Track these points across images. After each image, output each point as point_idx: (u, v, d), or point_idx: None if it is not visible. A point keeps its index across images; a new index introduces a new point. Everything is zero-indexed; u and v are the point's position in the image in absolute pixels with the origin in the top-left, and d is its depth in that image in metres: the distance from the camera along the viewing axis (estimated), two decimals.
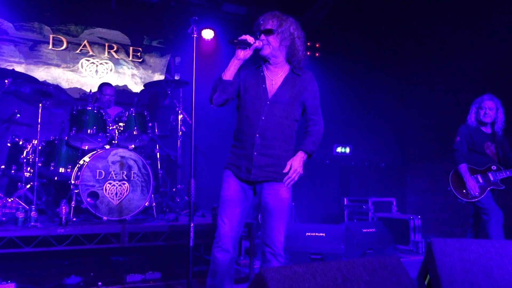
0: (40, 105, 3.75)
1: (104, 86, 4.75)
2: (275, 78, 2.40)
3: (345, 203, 6.28)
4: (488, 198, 3.77)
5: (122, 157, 3.72)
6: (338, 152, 6.79)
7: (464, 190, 3.82)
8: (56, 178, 3.96)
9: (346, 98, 6.79)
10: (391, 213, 5.96)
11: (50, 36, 5.38)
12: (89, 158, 3.63)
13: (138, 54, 5.90)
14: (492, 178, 3.80)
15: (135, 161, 3.77)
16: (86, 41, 5.58)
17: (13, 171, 3.88)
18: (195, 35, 2.45)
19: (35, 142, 3.82)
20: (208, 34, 5.97)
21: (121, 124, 3.99)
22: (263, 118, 2.31)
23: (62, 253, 3.73)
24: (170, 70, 5.02)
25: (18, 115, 4.16)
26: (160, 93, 5.40)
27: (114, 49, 5.76)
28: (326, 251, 4.29)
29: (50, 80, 5.35)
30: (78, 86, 5.51)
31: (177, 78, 5.32)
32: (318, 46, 6.80)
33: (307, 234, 4.41)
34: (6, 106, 4.58)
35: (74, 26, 5.52)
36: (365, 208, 6.00)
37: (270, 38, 2.34)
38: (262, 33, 2.34)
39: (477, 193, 3.74)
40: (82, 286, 3.34)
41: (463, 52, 6.20)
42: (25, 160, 3.83)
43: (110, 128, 3.94)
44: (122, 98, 5.47)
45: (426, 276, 2.07)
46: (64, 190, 3.90)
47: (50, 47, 5.38)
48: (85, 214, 3.69)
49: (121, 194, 3.66)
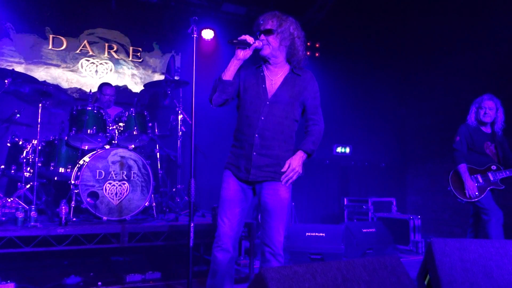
0: (40, 105, 3.75)
1: (104, 86, 4.75)
2: (275, 78, 2.39)
3: (345, 203, 6.28)
4: (488, 198, 3.77)
5: (122, 157, 3.72)
6: (338, 152, 6.79)
7: (464, 190, 3.82)
8: (56, 178, 3.95)
9: (346, 98, 6.79)
10: (391, 213, 5.96)
11: (50, 36, 5.38)
12: (89, 158, 3.63)
13: (138, 54, 5.90)
14: (492, 178, 3.80)
15: (135, 161, 3.77)
16: (86, 41, 5.58)
17: (13, 171, 3.88)
18: (195, 35, 2.45)
19: (35, 142, 3.82)
20: (208, 34, 5.97)
21: (121, 124, 3.99)
22: (263, 118, 2.31)
23: (62, 253, 3.73)
24: (170, 70, 5.02)
25: (18, 115, 4.16)
26: (160, 93, 5.39)
27: (114, 49, 5.75)
28: (326, 251, 4.29)
29: (50, 80, 5.35)
30: (78, 86, 5.51)
31: (176, 78, 5.31)
32: (318, 46, 6.80)
33: (307, 234, 4.41)
34: (6, 106, 4.58)
35: (74, 26, 5.51)
36: (365, 208, 6.00)
37: (270, 38, 2.33)
38: (262, 33, 2.34)
39: (474, 194, 3.74)
40: (82, 286, 3.34)
41: (463, 52, 6.20)
42: (25, 160, 3.83)
43: (110, 128, 3.94)
44: (122, 98, 5.46)
45: (426, 276, 2.07)
46: (64, 190, 3.90)
47: (50, 47, 5.38)
48: (85, 214, 3.69)
49: (121, 194, 3.66)
